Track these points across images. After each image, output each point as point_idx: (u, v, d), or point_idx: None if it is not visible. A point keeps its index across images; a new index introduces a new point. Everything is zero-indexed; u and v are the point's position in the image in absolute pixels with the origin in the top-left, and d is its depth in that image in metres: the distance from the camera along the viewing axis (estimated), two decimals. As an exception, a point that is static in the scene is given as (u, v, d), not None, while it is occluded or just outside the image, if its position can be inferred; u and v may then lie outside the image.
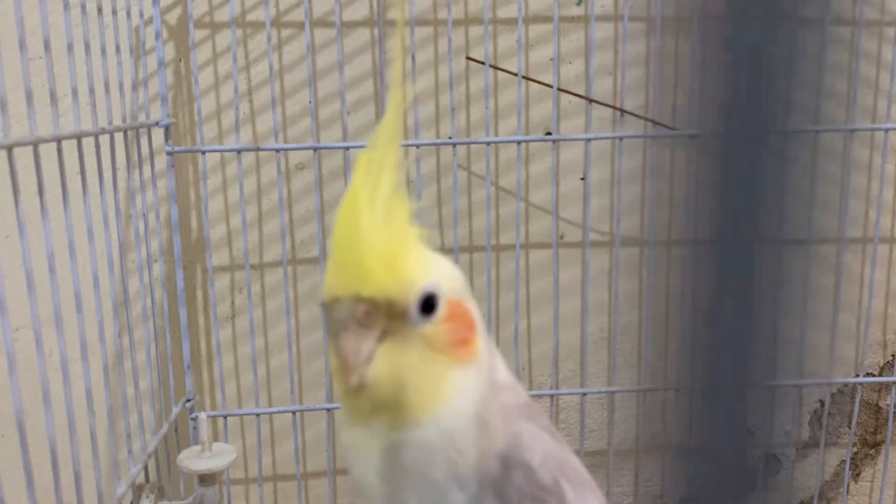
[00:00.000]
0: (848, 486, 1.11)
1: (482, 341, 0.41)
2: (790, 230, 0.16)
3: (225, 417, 0.96)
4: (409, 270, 0.37)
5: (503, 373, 0.43)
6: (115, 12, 0.79)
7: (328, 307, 0.37)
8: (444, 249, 1.01)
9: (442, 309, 0.38)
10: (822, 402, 1.11)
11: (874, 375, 1.10)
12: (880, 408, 1.12)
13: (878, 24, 1.02)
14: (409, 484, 0.39)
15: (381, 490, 0.40)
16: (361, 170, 0.37)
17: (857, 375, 1.08)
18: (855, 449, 1.12)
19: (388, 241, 0.37)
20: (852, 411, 1.07)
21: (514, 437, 0.40)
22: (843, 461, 1.12)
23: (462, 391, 0.39)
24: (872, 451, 1.13)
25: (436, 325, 0.38)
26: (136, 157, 0.83)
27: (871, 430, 1.12)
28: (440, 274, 0.39)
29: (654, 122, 0.97)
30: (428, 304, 0.37)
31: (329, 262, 0.38)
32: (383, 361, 0.37)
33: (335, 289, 0.37)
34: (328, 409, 0.97)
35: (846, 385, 1.10)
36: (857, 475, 1.14)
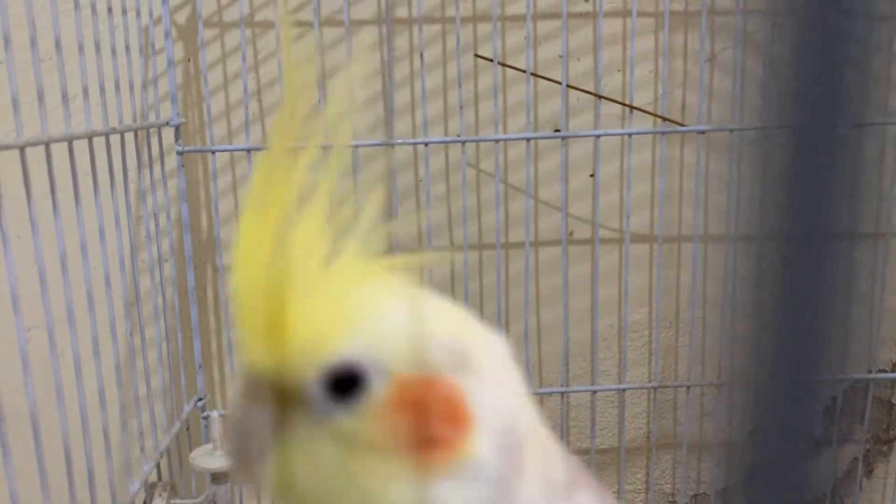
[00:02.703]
0: (861, 483, 1.10)
1: (499, 445, 0.26)
2: (860, 223, 0.16)
3: (236, 416, 0.96)
4: (306, 336, 0.25)
5: (537, 488, 0.27)
6: (124, 12, 0.80)
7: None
8: (454, 247, 1.01)
9: (380, 391, 0.25)
10: (833, 399, 1.10)
11: (886, 371, 1.10)
12: (893, 404, 1.11)
13: None
14: None
15: None
16: (256, 187, 0.26)
17: (870, 371, 1.07)
18: (867, 446, 1.11)
19: (281, 287, 0.24)
20: (865, 408, 1.06)
21: None
22: (856, 458, 1.11)
23: None
24: (885, 448, 1.12)
25: (363, 417, 0.25)
26: (146, 157, 0.84)
27: (884, 426, 1.12)
28: (391, 335, 0.25)
29: (664, 118, 0.97)
30: (346, 382, 0.25)
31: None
32: (278, 465, 0.25)
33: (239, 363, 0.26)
34: (339, 408, 0.97)
35: (858, 381, 1.09)
36: (870, 472, 1.13)
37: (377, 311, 0.25)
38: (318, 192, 0.26)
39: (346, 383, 0.25)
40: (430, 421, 0.25)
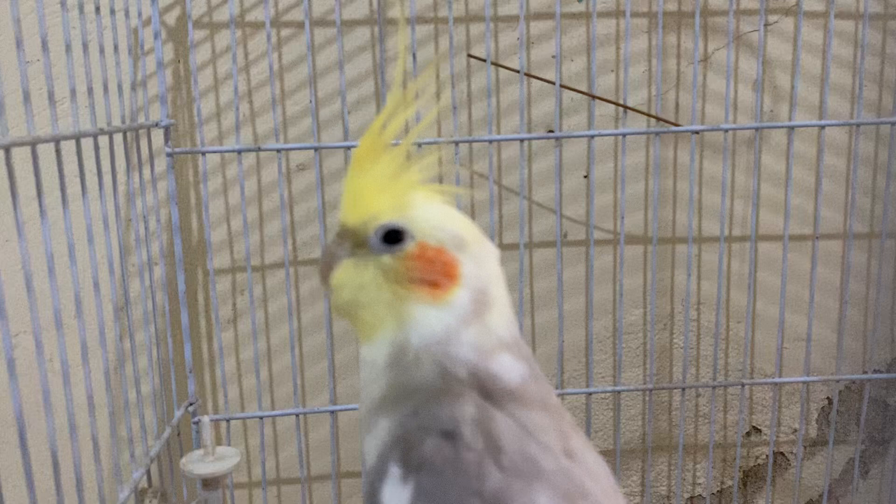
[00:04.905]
0: (857, 483, 1.10)
1: (471, 299, 0.41)
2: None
3: (228, 421, 0.96)
4: (375, 207, 0.42)
5: (490, 340, 0.41)
6: (113, 12, 0.79)
7: None
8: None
9: (410, 247, 0.41)
10: (829, 400, 1.10)
11: (882, 372, 1.09)
12: (888, 405, 1.11)
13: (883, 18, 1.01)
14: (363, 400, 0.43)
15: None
16: (374, 124, 0.43)
17: (865, 372, 1.07)
18: (863, 446, 1.11)
19: (366, 181, 0.42)
20: (860, 408, 1.06)
21: (452, 408, 0.39)
22: (852, 459, 1.11)
23: (419, 326, 0.41)
24: (881, 449, 1.12)
25: (397, 259, 0.42)
26: (135, 159, 0.83)
27: (879, 427, 1.11)
28: (423, 218, 0.42)
29: (657, 119, 0.97)
30: (391, 237, 0.42)
31: None
32: (342, 270, 0.43)
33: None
34: (332, 412, 0.96)
35: (854, 382, 1.09)
36: (866, 473, 1.13)
37: (417, 202, 0.42)
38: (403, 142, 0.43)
39: (392, 238, 0.42)
40: (432, 271, 0.41)
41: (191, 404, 0.93)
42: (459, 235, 0.42)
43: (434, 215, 0.43)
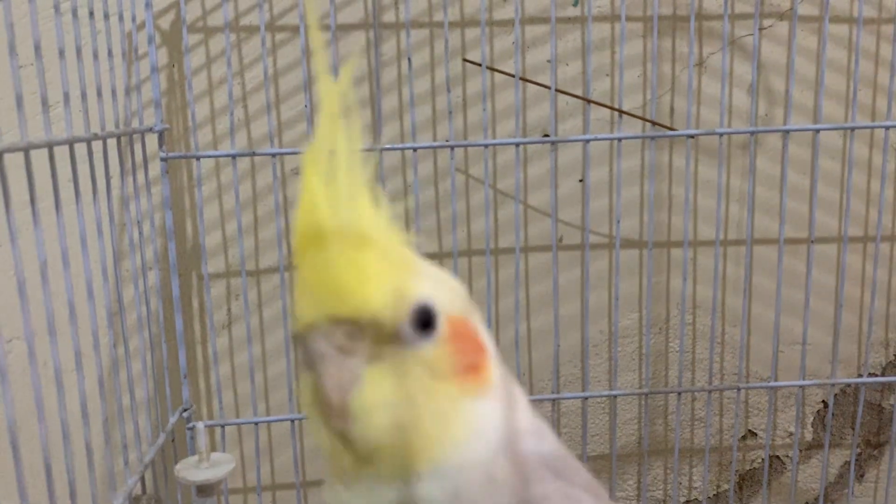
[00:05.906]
0: (853, 487, 1.10)
1: (497, 370, 0.33)
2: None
3: (222, 427, 0.95)
4: (395, 280, 0.30)
5: (524, 413, 0.34)
6: (107, 17, 0.78)
7: (301, 337, 0.30)
8: (443, 253, 1.00)
9: (443, 326, 0.31)
10: (825, 403, 1.10)
11: (877, 375, 1.10)
12: (883, 408, 1.11)
13: (876, 22, 1.02)
14: None
15: None
16: (311, 169, 0.30)
17: (860, 376, 1.07)
18: (859, 450, 1.11)
19: (363, 247, 0.29)
20: (855, 412, 1.06)
21: (539, 501, 0.33)
22: (847, 462, 1.11)
23: (478, 430, 0.31)
24: (876, 452, 1.12)
25: (437, 346, 0.30)
26: (129, 164, 0.82)
27: (875, 430, 1.12)
28: (436, 285, 0.31)
29: (653, 123, 0.97)
30: (424, 320, 0.30)
31: (297, 283, 0.30)
32: (373, 388, 0.29)
33: (308, 313, 0.29)
34: (327, 417, 0.96)
35: (849, 385, 1.09)
36: (862, 476, 1.13)
37: (426, 271, 0.32)
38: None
39: (424, 321, 0.30)
40: (468, 350, 0.31)
41: (185, 410, 0.92)
42: (464, 293, 0.33)
43: (441, 276, 0.32)
